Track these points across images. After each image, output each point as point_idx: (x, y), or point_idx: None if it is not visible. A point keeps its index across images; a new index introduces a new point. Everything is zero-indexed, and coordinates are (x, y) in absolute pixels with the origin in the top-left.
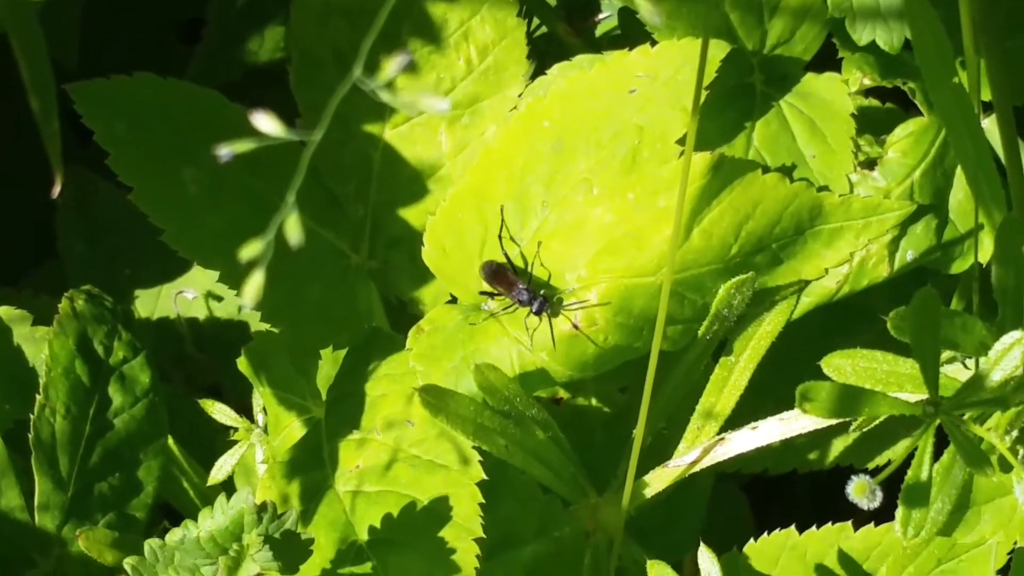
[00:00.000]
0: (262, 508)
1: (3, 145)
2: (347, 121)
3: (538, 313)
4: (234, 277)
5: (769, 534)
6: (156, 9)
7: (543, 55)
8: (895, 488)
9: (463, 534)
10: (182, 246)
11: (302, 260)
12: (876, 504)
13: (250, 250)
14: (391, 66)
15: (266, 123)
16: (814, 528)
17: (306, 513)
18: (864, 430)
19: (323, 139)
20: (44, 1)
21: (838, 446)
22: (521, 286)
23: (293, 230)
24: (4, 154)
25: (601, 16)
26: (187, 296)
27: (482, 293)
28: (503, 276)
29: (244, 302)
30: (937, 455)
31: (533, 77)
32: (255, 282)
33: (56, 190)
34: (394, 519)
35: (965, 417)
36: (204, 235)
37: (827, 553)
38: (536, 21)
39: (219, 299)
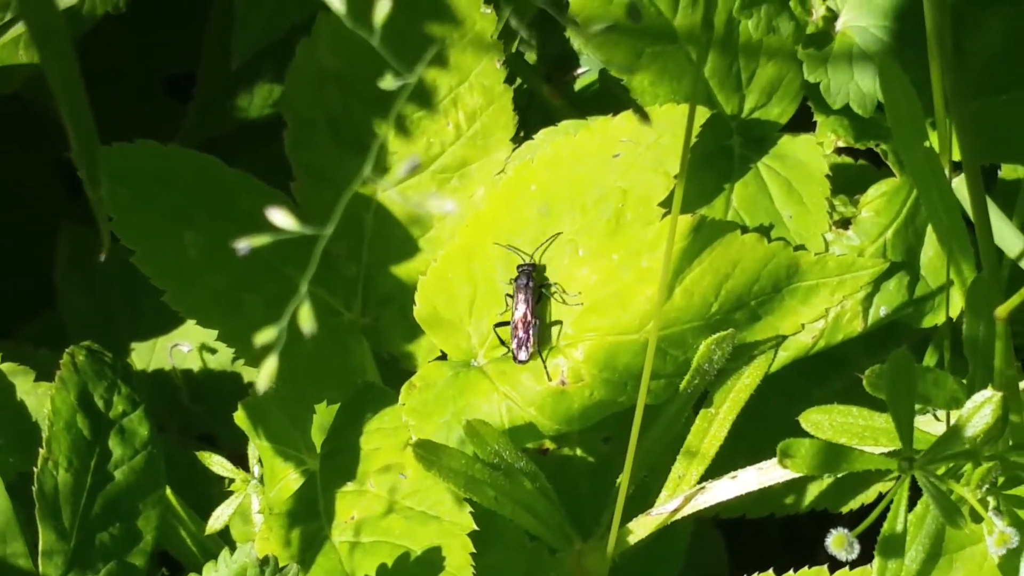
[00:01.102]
0: (264, 562)
1: (1, 196)
2: (339, 183)
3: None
4: (232, 335)
5: None
6: (146, 65)
7: (524, 111)
8: (869, 531)
9: None
10: (183, 307)
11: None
12: (854, 556)
13: (264, 336)
14: (399, 169)
15: (281, 218)
16: (791, 572)
17: (303, 563)
18: (838, 476)
19: (317, 199)
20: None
21: (813, 491)
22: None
23: (306, 319)
24: (3, 204)
25: (580, 71)
26: (182, 349)
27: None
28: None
29: (258, 384)
30: (911, 503)
31: (516, 136)
32: (269, 367)
33: (103, 256)
34: (389, 569)
35: (939, 471)
36: (204, 296)
37: None
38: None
39: (213, 352)
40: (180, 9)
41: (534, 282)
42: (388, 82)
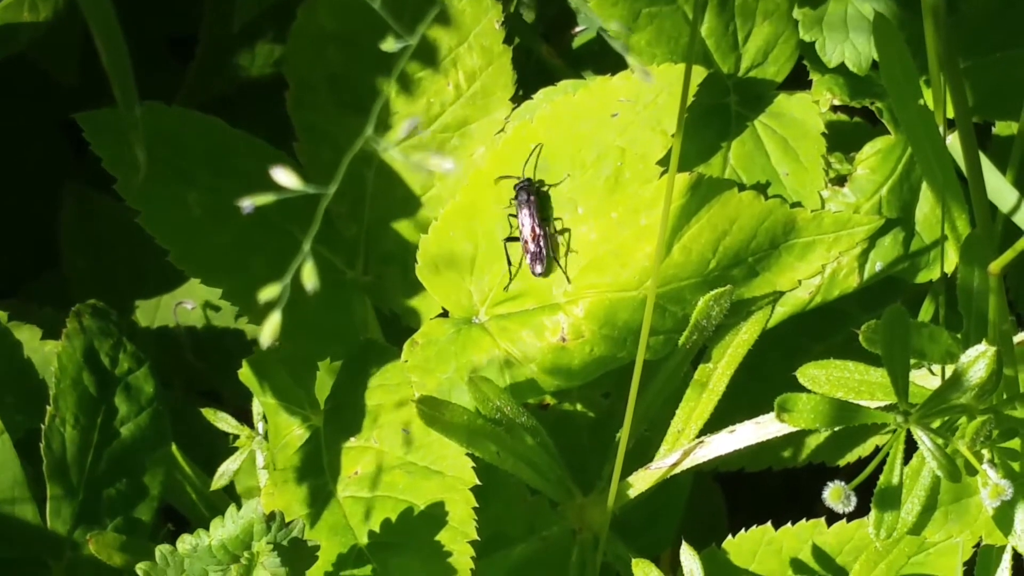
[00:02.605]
0: (270, 517)
1: (6, 157)
2: (341, 143)
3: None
4: (236, 293)
5: (746, 530)
6: (150, 27)
7: (522, 69)
8: (865, 484)
9: (458, 537)
10: (187, 266)
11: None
12: (851, 508)
13: (267, 293)
14: (400, 128)
15: (285, 177)
16: (789, 524)
17: (308, 518)
18: (836, 430)
19: (319, 159)
20: (49, 22)
21: (811, 444)
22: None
23: (309, 277)
24: (8, 164)
25: (578, 29)
26: (186, 306)
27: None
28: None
29: (262, 340)
30: (907, 456)
31: (515, 96)
32: (272, 323)
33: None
34: (393, 523)
35: (934, 425)
36: (208, 255)
37: (802, 548)
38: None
39: (216, 309)
40: None
41: (535, 196)
42: (389, 44)
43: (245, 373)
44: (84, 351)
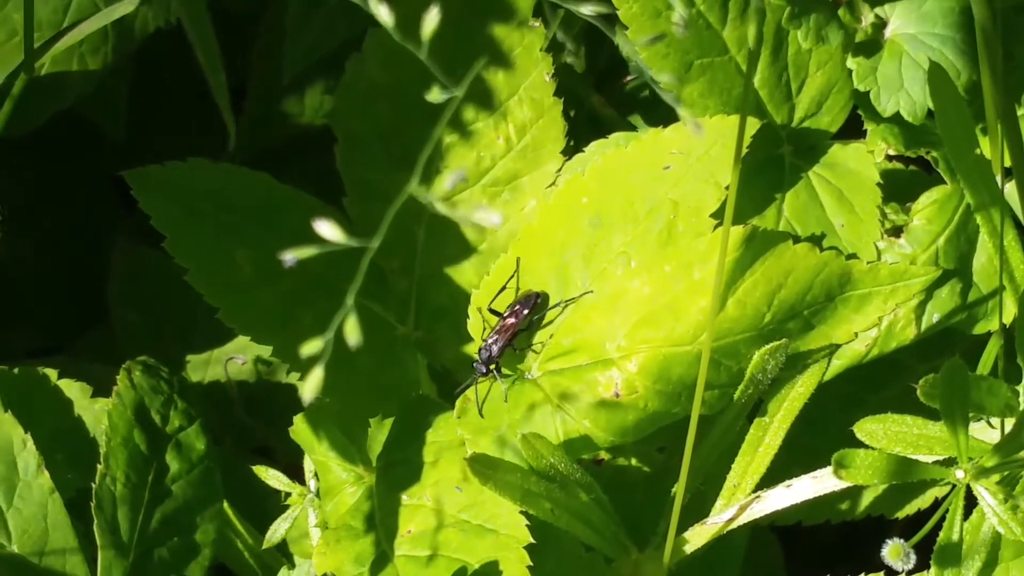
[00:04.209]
0: None
1: (55, 212)
2: (391, 197)
3: (484, 373)
4: (286, 350)
5: None
6: (198, 79)
7: (574, 119)
8: (927, 537)
9: None
10: (237, 324)
11: None
12: (910, 566)
13: (310, 348)
14: (447, 181)
15: (328, 230)
16: None
17: None
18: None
19: (369, 214)
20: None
21: (868, 497)
22: (488, 342)
23: (352, 332)
24: (55, 222)
25: (629, 78)
26: (237, 361)
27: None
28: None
29: (303, 396)
30: (967, 510)
31: (566, 148)
32: (315, 378)
33: (231, 143)
34: None
35: (994, 480)
36: (257, 313)
37: None
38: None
39: (268, 364)
40: (230, 24)
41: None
42: (435, 95)
43: (296, 429)
44: (135, 409)
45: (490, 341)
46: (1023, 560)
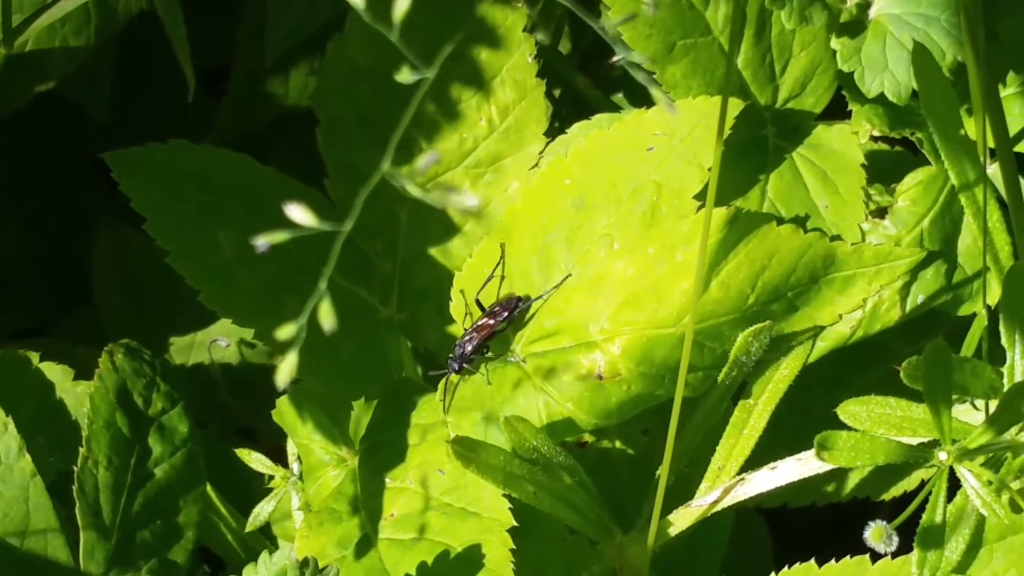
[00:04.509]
0: (304, 564)
1: (39, 194)
2: (372, 179)
3: (456, 370)
4: (269, 333)
5: (789, 567)
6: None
7: (559, 99)
8: (911, 519)
9: None
10: (218, 306)
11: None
12: (893, 548)
13: (285, 332)
14: (419, 163)
15: (300, 215)
16: (833, 561)
17: (343, 561)
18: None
19: (350, 195)
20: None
21: (854, 479)
22: (464, 340)
23: (326, 316)
24: (39, 203)
25: (615, 59)
26: (221, 344)
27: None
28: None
29: (278, 381)
30: (950, 492)
31: (549, 129)
32: (289, 363)
33: (190, 96)
34: (429, 567)
35: (978, 461)
36: (239, 295)
37: None
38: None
39: (252, 346)
40: (213, 5)
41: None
42: (404, 75)
43: (280, 412)
44: (117, 391)
45: (465, 339)
46: (1007, 542)
